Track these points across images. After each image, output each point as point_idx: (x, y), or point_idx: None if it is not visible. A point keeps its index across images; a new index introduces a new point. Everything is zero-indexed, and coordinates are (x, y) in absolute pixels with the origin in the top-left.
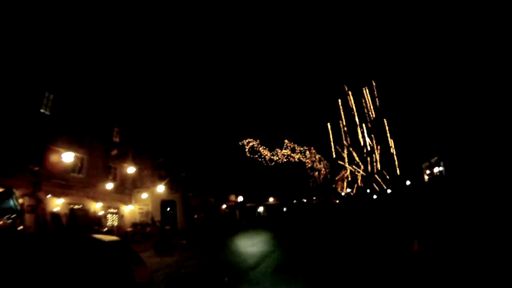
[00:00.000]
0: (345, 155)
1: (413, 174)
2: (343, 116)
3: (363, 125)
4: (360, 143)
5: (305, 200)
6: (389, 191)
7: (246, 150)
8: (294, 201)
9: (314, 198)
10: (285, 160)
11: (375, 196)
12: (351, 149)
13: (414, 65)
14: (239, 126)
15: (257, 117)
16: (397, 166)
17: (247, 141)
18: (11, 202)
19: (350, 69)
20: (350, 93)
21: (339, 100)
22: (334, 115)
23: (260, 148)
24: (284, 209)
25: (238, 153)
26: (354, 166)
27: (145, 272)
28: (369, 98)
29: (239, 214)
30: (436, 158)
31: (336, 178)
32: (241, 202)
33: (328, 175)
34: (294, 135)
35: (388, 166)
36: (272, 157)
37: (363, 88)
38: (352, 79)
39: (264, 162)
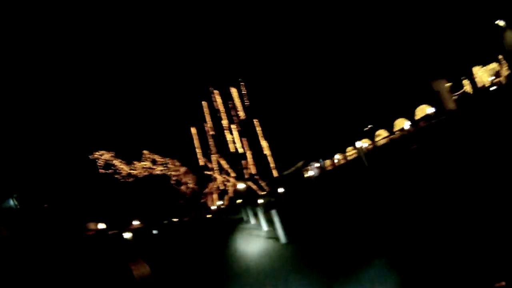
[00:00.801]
0: (213, 163)
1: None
2: (208, 120)
3: (232, 128)
4: (229, 148)
5: (176, 219)
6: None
7: (99, 164)
8: (165, 221)
9: (187, 217)
10: (145, 173)
11: (260, 200)
12: (219, 156)
13: (285, 61)
14: (89, 135)
15: (111, 125)
16: (274, 168)
17: (99, 153)
18: (11, 202)
19: (214, 69)
20: (216, 93)
21: (204, 103)
22: (198, 119)
23: (116, 162)
24: (154, 231)
25: (90, 169)
26: (224, 175)
27: (144, 268)
28: (237, 98)
29: (101, 246)
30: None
31: (205, 191)
32: (103, 229)
33: (197, 188)
34: (154, 145)
35: (264, 170)
36: (130, 171)
37: (231, 88)
38: (217, 79)
39: (121, 178)
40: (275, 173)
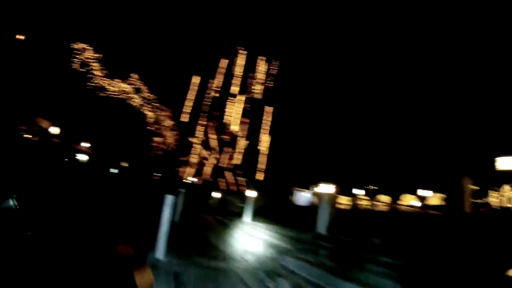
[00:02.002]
0: (202, 132)
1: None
2: (218, 79)
3: (239, 99)
4: (224, 123)
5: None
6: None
7: (76, 59)
8: (124, 163)
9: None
10: (120, 97)
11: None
12: (212, 126)
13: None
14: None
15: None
16: (262, 170)
17: (82, 46)
18: (11, 202)
19: (256, 31)
20: (241, 55)
21: (224, 60)
22: (209, 75)
23: (95, 65)
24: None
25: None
26: (208, 151)
27: (148, 276)
28: (262, 73)
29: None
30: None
31: (184, 158)
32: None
33: (174, 150)
34: (147, 72)
35: (251, 166)
36: (107, 85)
37: (259, 59)
38: (251, 41)
39: (91, 86)
40: (259, 176)
